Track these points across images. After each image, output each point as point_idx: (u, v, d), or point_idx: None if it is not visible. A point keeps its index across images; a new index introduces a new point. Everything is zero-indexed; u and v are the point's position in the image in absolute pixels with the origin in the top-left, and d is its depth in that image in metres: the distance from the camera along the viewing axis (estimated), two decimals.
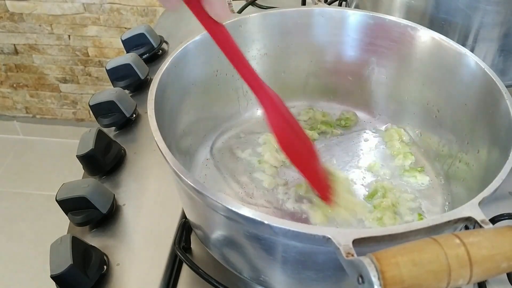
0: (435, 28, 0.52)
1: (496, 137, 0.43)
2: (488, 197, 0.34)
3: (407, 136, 0.57)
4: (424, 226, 0.31)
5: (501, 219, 0.48)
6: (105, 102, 0.61)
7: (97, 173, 0.56)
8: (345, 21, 0.55)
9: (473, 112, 0.48)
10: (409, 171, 0.53)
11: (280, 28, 0.56)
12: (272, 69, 0.58)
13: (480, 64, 0.47)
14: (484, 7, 0.55)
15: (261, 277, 0.40)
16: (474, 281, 0.28)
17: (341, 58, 0.58)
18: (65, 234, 0.45)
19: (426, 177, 0.52)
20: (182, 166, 0.36)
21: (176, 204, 0.51)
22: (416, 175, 0.52)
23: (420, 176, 0.52)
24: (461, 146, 0.50)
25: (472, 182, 0.47)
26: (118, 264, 0.47)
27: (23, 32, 1.67)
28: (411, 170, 0.53)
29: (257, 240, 0.36)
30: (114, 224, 0.51)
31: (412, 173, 0.53)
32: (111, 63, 0.67)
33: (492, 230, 0.30)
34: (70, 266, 0.42)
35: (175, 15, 0.88)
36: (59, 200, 0.49)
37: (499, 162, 0.39)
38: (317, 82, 0.60)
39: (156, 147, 0.38)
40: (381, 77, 0.57)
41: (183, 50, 0.48)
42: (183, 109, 0.50)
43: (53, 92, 1.83)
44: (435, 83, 0.53)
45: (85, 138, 0.55)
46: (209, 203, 0.35)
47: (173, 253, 0.47)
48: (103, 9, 1.56)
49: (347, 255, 0.29)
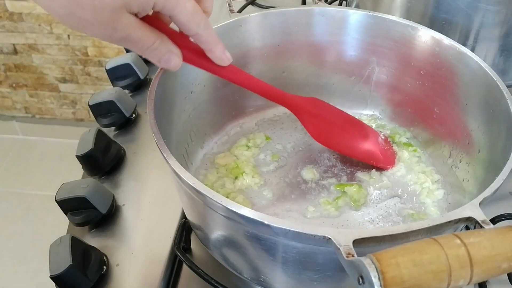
0: (436, 28, 0.52)
1: (496, 137, 0.43)
2: (488, 197, 0.34)
3: (407, 136, 0.57)
4: (424, 226, 0.31)
5: (501, 219, 0.47)
6: (104, 102, 0.61)
7: (96, 173, 0.56)
8: (346, 21, 0.55)
9: (474, 112, 0.48)
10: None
11: (280, 28, 0.56)
12: (272, 69, 0.58)
13: (480, 63, 0.47)
14: (485, 6, 0.55)
15: (261, 278, 0.40)
16: (474, 281, 0.28)
17: (341, 57, 0.58)
18: (64, 234, 0.45)
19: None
20: (182, 166, 0.36)
21: (176, 204, 0.51)
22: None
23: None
24: (462, 146, 0.49)
25: (472, 182, 0.46)
26: (118, 264, 0.47)
27: (23, 32, 1.67)
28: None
29: (257, 240, 0.36)
30: (113, 224, 0.51)
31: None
32: (111, 62, 0.67)
33: (492, 231, 0.30)
34: (69, 267, 0.42)
35: None
36: (59, 200, 0.49)
37: (500, 162, 0.39)
38: (317, 82, 0.60)
39: (156, 147, 0.37)
40: (382, 77, 0.57)
41: None
42: (183, 109, 0.50)
43: (52, 92, 1.83)
44: (435, 83, 0.53)
45: (85, 138, 0.55)
46: (209, 203, 0.35)
47: (173, 254, 0.47)
48: None
49: (348, 255, 0.29)
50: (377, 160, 0.53)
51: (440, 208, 0.49)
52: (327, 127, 0.53)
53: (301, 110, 0.51)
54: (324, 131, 0.53)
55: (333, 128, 0.53)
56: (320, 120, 0.53)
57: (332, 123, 0.54)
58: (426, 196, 0.50)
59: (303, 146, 0.56)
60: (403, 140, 0.56)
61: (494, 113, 0.44)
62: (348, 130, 0.54)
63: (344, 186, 0.51)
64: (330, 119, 0.54)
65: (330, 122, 0.53)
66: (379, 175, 0.52)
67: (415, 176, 0.53)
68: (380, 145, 0.55)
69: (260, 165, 0.54)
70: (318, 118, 0.52)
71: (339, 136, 0.54)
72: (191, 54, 0.41)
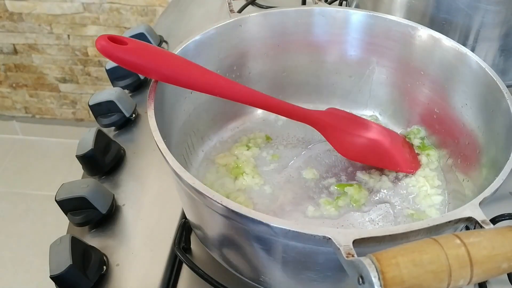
0: (436, 27, 0.52)
1: (496, 137, 0.43)
2: (488, 197, 0.34)
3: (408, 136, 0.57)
4: (424, 226, 0.31)
5: (501, 219, 0.47)
6: (104, 102, 0.61)
7: (96, 173, 0.56)
8: (346, 21, 0.55)
9: (474, 112, 0.48)
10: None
11: (280, 28, 0.56)
12: (272, 69, 0.58)
13: (480, 63, 0.47)
14: (485, 6, 0.55)
15: (261, 278, 0.40)
16: (474, 281, 0.28)
17: (341, 57, 0.58)
18: (64, 234, 0.45)
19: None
20: (182, 166, 0.36)
21: (176, 204, 0.51)
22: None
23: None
24: (462, 146, 0.49)
25: (472, 182, 0.46)
26: (118, 264, 0.47)
27: (23, 31, 1.67)
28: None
29: (257, 240, 0.36)
30: (113, 224, 0.51)
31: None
32: (111, 62, 0.67)
33: (492, 231, 0.30)
34: (69, 267, 0.42)
35: (175, 15, 0.88)
36: (59, 200, 0.49)
37: (500, 162, 0.39)
38: (317, 82, 0.60)
39: (156, 147, 0.37)
40: (382, 77, 0.57)
41: (183, 50, 0.48)
42: (183, 109, 0.50)
43: (52, 92, 1.83)
44: (435, 83, 0.53)
45: (85, 138, 0.55)
46: (209, 203, 0.35)
47: (173, 254, 0.47)
48: (103, 9, 1.56)
49: (348, 255, 0.29)
50: (402, 166, 0.53)
51: (439, 208, 0.49)
52: (351, 140, 0.53)
53: (323, 126, 0.52)
54: (349, 144, 0.52)
55: (357, 140, 0.53)
56: (343, 134, 0.52)
57: (355, 135, 0.53)
58: (426, 196, 0.50)
59: (304, 146, 0.56)
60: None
61: (494, 113, 0.44)
62: (372, 141, 0.53)
63: (344, 186, 0.51)
64: (353, 131, 0.53)
65: (352, 135, 0.53)
66: (379, 175, 0.52)
67: (414, 177, 0.53)
68: (403, 149, 0.54)
69: (260, 165, 0.54)
70: (341, 131, 0.52)
71: (364, 148, 0.53)
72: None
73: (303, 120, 0.51)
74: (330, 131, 0.52)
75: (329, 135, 0.52)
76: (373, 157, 0.53)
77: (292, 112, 0.50)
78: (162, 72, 0.42)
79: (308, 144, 0.56)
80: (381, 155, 0.53)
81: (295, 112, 0.50)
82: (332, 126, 0.52)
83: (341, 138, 0.52)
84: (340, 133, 0.52)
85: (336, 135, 0.52)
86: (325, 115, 0.52)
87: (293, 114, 0.50)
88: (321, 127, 0.52)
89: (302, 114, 0.50)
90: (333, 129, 0.52)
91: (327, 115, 0.52)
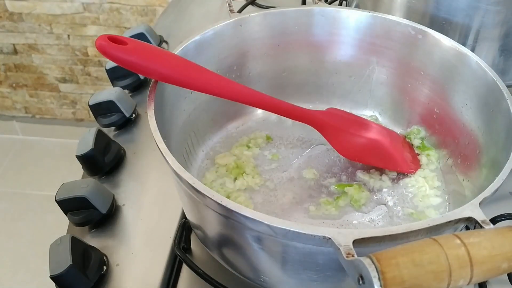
0: (436, 27, 0.52)
1: (496, 137, 0.43)
2: (488, 197, 0.34)
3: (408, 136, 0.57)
4: (424, 226, 0.31)
5: (501, 219, 0.47)
6: (104, 102, 0.61)
7: (96, 173, 0.56)
8: (346, 21, 0.55)
9: (474, 112, 0.48)
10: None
11: (280, 28, 0.56)
12: (272, 69, 0.58)
13: (480, 63, 0.47)
14: (485, 6, 0.55)
15: (261, 278, 0.40)
16: (474, 281, 0.28)
17: (341, 57, 0.58)
18: (64, 234, 0.45)
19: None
20: (182, 166, 0.36)
21: (176, 204, 0.51)
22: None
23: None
24: (462, 146, 0.49)
25: (472, 182, 0.46)
26: (118, 264, 0.47)
27: (23, 31, 1.67)
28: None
29: (257, 240, 0.36)
30: (113, 224, 0.51)
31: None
32: (111, 62, 0.67)
33: (492, 231, 0.30)
34: (69, 267, 0.42)
35: (175, 15, 0.88)
36: (59, 200, 0.49)
37: (500, 162, 0.39)
38: (317, 82, 0.60)
39: (156, 147, 0.37)
40: (382, 77, 0.57)
41: (183, 50, 0.48)
42: (183, 109, 0.50)
43: (52, 92, 1.83)
44: (435, 83, 0.53)
45: (85, 138, 0.55)
46: (209, 203, 0.35)
47: (173, 254, 0.47)
48: (103, 9, 1.56)
49: (348, 255, 0.29)
50: (402, 166, 0.53)
51: (439, 208, 0.49)
52: (351, 140, 0.53)
53: (323, 126, 0.52)
54: (349, 144, 0.52)
55: (357, 141, 0.53)
56: (343, 134, 0.52)
57: (355, 135, 0.53)
58: (426, 197, 0.50)
59: (304, 146, 0.56)
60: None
61: (494, 113, 0.44)
62: (372, 141, 0.53)
63: (344, 186, 0.51)
64: (353, 131, 0.53)
65: (352, 135, 0.53)
66: (379, 175, 0.52)
67: (414, 177, 0.53)
68: (403, 150, 0.54)
69: (260, 165, 0.54)
70: (341, 131, 0.52)
71: (364, 148, 0.53)
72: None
73: (303, 120, 0.51)
74: (330, 131, 0.52)
75: (329, 135, 0.52)
76: (373, 157, 0.53)
77: (292, 112, 0.50)
78: (162, 72, 0.42)
79: (308, 144, 0.56)
80: (381, 155, 0.53)
81: (295, 112, 0.50)
82: (332, 126, 0.52)
83: (341, 138, 0.52)
84: (340, 133, 0.52)
85: (336, 135, 0.52)
86: (325, 115, 0.52)
87: (293, 114, 0.50)
88: (321, 127, 0.52)
89: (302, 114, 0.50)
90: (333, 129, 0.52)
91: (327, 115, 0.52)
